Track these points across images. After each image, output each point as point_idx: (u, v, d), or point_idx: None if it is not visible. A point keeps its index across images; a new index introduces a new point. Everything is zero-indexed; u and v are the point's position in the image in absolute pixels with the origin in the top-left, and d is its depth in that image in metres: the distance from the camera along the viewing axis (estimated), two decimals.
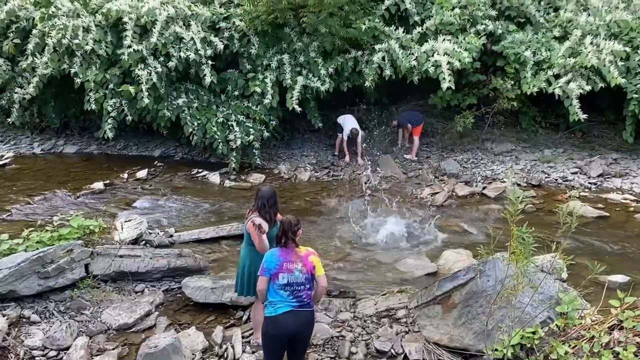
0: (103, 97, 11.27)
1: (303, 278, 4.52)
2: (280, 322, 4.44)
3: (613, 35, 11.09)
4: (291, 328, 4.46)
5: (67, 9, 11.28)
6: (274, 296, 4.47)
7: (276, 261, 4.47)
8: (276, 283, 4.45)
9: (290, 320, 4.44)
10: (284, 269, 4.46)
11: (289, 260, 4.49)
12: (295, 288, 4.48)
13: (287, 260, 4.49)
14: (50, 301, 6.12)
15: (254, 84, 11.52)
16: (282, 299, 4.46)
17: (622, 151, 11.85)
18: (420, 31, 11.45)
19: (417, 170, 11.57)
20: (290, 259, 4.50)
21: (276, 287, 4.46)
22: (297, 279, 4.48)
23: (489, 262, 5.15)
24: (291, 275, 4.46)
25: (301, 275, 4.50)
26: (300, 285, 4.50)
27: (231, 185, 10.96)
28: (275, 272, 4.44)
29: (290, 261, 4.49)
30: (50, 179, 11.15)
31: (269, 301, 4.49)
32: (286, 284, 4.45)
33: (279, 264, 4.46)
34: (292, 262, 4.49)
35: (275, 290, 4.47)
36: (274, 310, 4.45)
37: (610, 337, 4.46)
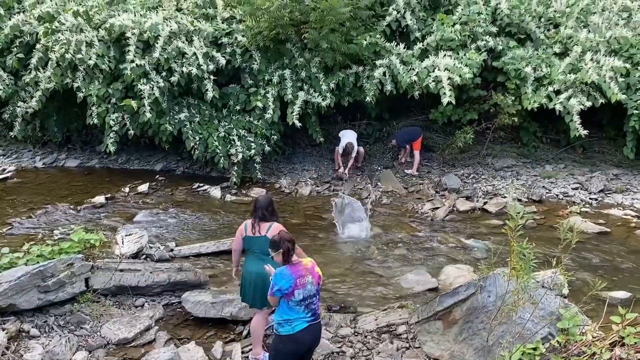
0: (105, 111, 11.31)
1: (314, 290, 4.55)
2: (298, 339, 4.46)
3: (613, 52, 11.15)
4: (308, 343, 4.56)
5: (70, 24, 11.35)
6: (290, 314, 4.46)
7: (289, 280, 4.42)
8: (292, 300, 4.43)
9: (307, 336, 4.50)
10: (298, 285, 4.43)
11: (300, 275, 4.47)
12: (310, 301, 4.51)
13: (299, 275, 4.47)
14: (50, 315, 6.11)
15: (255, 98, 11.57)
16: (299, 316, 4.46)
17: (623, 167, 11.86)
18: (421, 47, 11.52)
19: (417, 185, 11.58)
20: (301, 274, 4.48)
21: (292, 304, 4.44)
22: (310, 292, 4.50)
23: (490, 277, 5.16)
24: (305, 290, 4.47)
25: (313, 288, 4.53)
26: (313, 297, 4.54)
27: (232, 200, 10.96)
28: (289, 292, 4.41)
29: (301, 276, 4.47)
30: (51, 192, 11.17)
31: (284, 319, 4.47)
32: (302, 300, 4.45)
33: (292, 282, 4.42)
34: (303, 276, 4.49)
35: (290, 307, 4.45)
36: (292, 329, 4.45)
37: (611, 353, 4.44)
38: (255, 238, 5.47)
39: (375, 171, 12.32)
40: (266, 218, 5.45)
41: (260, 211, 5.47)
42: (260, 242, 5.41)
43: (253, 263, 5.47)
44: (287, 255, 4.49)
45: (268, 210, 5.46)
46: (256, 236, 5.45)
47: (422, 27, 11.90)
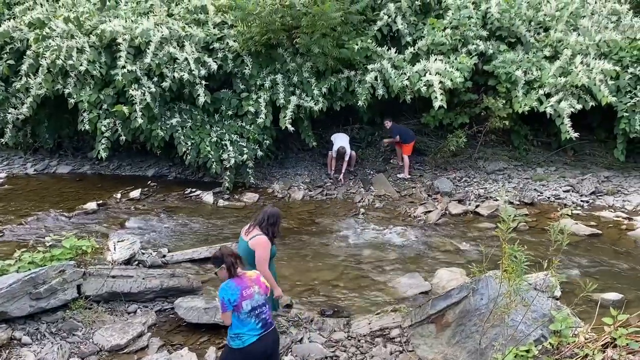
0: (97, 117, 11.28)
1: (262, 299, 4.54)
2: (250, 353, 4.46)
3: (603, 55, 11.23)
4: (261, 354, 4.52)
5: (61, 30, 11.32)
6: (241, 327, 4.44)
7: (236, 292, 4.42)
8: (242, 312, 4.41)
9: (259, 348, 4.48)
10: (245, 296, 4.43)
11: (246, 286, 4.47)
12: (260, 311, 4.50)
13: (245, 287, 4.46)
14: (42, 322, 6.07)
15: (247, 103, 11.57)
16: (250, 329, 4.45)
17: (614, 169, 11.93)
18: (412, 51, 11.56)
19: (410, 189, 11.60)
20: (247, 285, 4.48)
21: (242, 316, 4.42)
22: (258, 302, 4.50)
23: (482, 280, 5.17)
24: (253, 300, 4.46)
25: (260, 298, 4.52)
26: (262, 307, 4.53)
27: (225, 205, 10.95)
28: (238, 303, 4.40)
29: (247, 287, 4.47)
30: (43, 199, 11.11)
31: (235, 333, 4.45)
32: (251, 310, 4.44)
33: (239, 293, 4.42)
34: (249, 287, 4.48)
35: (241, 320, 4.44)
36: (242, 343, 4.44)
37: (603, 355, 4.46)
38: (241, 240, 5.51)
39: (368, 175, 12.34)
40: (261, 226, 5.44)
41: (261, 216, 5.47)
42: (242, 245, 5.45)
43: None
44: (231, 270, 4.48)
45: (268, 221, 5.44)
46: (242, 238, 5.48)
47: (413, 31, 11.95)
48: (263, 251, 5.33)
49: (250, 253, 5.34)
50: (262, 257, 5.32)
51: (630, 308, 5.75)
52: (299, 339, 6.01)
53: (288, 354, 5.75)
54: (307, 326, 6.27)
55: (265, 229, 5.40)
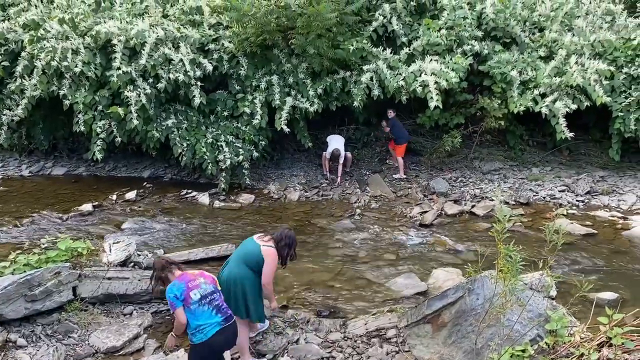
0: (92, 118, 11.26)
1: (212, 287, 4.63)
2: (213, 345, 4.51)
3: (597, 55, 11.26)
4: (224, 346, 4.64)
5: (56, 31, 11.29)
6: (198, 319, 4.48)
7: (181, 286, 4.49)
8: (192, 303, 4.46)
9: (222, 339, 4.56)
10: (190, 287, 4.50)
11: (189, 279, 4.56)
12: (211, 298, 4.57)
13: (188, 280, 4.55)
14: (38, 324, 6.06)
15: (243, 104, 11.56)
16: (208, 318, 4.49)
17: (609, 169, 11.96)
18: (408, 52, 11.57)
19: (406, 189, 11.61)
20: (190, 278, 4.57)
21: (193, 306, 4.46)
22: (207, 290, 4.58)
23: (478, 280, 5.18)
24: (201, 289, 4.54)
25: (209, 286, 4.61)
26: (213, 294, 4.61)
27: (220, 206, 10.94)
28: (185, 295, 4.45)
29: (191, 279, 4.56)
30: (38, 201, 11.09)
31: (195, 329, 4.48)
32: (201, 298, 4.50)
33: (184, 286, 4.49)
34: (193, 280, 4.57)
35: (194, 311, 4.47)
36: (204, 335, 4.47)
37: (599, 354, 4.47)
38: (252, 241, 5.56)
39: (363, 176, 12.35)
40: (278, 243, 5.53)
41: (279, 233, 5.61)
42: (251, 245, 5.48)
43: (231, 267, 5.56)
44: (164, 281, 4.63)
45: (285, 241, 5.56)
46: (254, 240, 5.54)
47: (408, 32, 11.96)
48: (273, 263, 5.44)
49: (259, 258, 5.40)
50: (271, 269, 5.44)
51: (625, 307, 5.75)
52: (295, 339, 6.00)
53: (284, 355, 5.75)
54: (303, 327, 6.27)
55: (281, 248, 5.50)
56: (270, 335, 6.08)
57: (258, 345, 5.89)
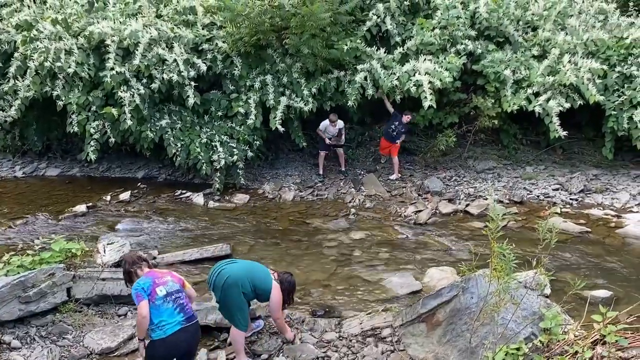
0: (86, 119, 11.23)
1: (178, 286, 4.67)
2: (172, 343, 4.49)
3: (590, 54, 11.30)
4: (184, 347, 4.58)
5: (49, 32, 11.26)
6: (160, 316, 4.49)
7: (147, 281, 4.53)
8: (157, 299, 4.48)
9: (182, 339, 4.53)
10: (157, 283, 4.55)
11: (157, 276, 4.62)
12: (176, 296, 4.60)
13: (156, 277, 4.62)
14: (32, 326, 6.04)
15: (237, 104, 11.55)
16: (170, 316, 4.49)
17: (602, 167, 12.01)
18: (402, 51, 11.59)
19: (400, 189, 11.62)
20: (158, 275, 4.64)
21: (158, 302, 4.48)
22: (173, 287, 4.62)
23: (472, 279, 5.19)
24: (167, 286, 4.58)
25: (175, 285, 4.65)
26: (178, 293, 4.64)
27: (215, 206, 10.92)
28: (152, 290, 4.49)
29: (158, 277, 4.63)
30: (31, 202, 11.05)
31: (155, 324, 4.48)
32: (166, 295, 4.53)
33: (151, 282, 4.53)
34: (161, 277, 4.64)
35: (158, 307, 4.49)
36: (163, 332, 4.47)
37: (593, 352, 4.49)
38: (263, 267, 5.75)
39: (358, 175, 12.35)
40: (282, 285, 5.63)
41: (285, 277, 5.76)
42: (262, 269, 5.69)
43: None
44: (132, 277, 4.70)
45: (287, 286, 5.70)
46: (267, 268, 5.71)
47: (402, 31, 11.99)
48: (279, 299, 5.54)
49: (266, 286, 5.52)
50: (278, 303, 5.54)
51: (619, 305, 5.79)
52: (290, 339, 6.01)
53: (279, 354, 5.75)
54: (298, 327, 6.27)
55: (283, 291, 5.61)
56: (265, 335, 6.08)
57: (253, 345, 5.89)
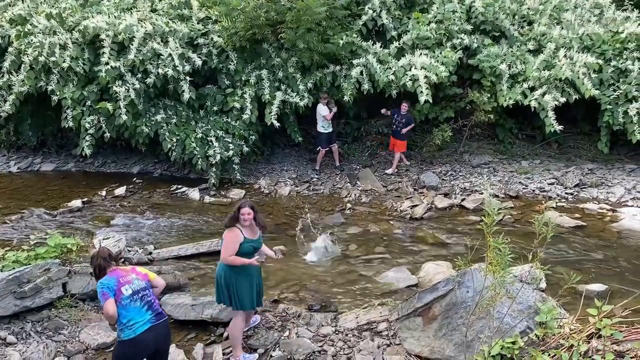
0: (80, 114, 11.19)
1: (143, 283, 4.60)
2: (141, 342, 4.45)
3: (586, 48, 11.31)
4: (153, 345, 4.53)
5: (43, 26, 11.21)
6: (129, 315, 4.44)
7: (112, 280, 4.46)
8: (123, 298, 4.42)
9: (151, 337, 4.49)
10: (122, 282, 4.48)
11: (121, 275, 4.53)
12: (143, 294, 4.55)
13: (120, 275, 4.53)
14: (27, 321, 6.02)
15: (232, 99, 11.53)
16: (138, 315, 4.46)
17: (598, 161, 12.04)
18: (398, 46, 11.58)
19: (396, 183, 11.63)
20: (122, 274, 4.55)
21: (125, 301, 4.43)
22: (139, 285, 4.56)
23: (468, 273, 5.20)
24: (133, 285, 4.52)
25: (140, 282, 4.58)
26: (145, 290, 4.58)
27: (211, 201, 10.91)
28: (117, 289, 4.43)
29: (123, 275, 4.54)
30: (27, 197, 11.02)
31: (124, 324, 4.43)
32: (132, 293, 4.48)
33: (116, 281, 4.46)
34: (125, 275, 4.55)
35: (125, 306, 4.43)
36: (133, 332, 4.42)
37: (588, 345, 4.51)
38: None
39: (354, 170, 12.35)
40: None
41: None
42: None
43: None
44: (96, 272, 4.57)
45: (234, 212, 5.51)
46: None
47: (398, 25, 11.97)
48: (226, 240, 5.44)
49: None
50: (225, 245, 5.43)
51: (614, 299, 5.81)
52: (286, 334, 6.01)
53: (276, 349, 5.76)
54: (294, 321, 6.27)
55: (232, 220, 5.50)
56: (261, 329, 6.08)
57: (250, 339, 5.89)
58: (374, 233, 9.36)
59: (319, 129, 11.94)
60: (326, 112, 11.71)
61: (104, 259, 4.56)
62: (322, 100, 11.71)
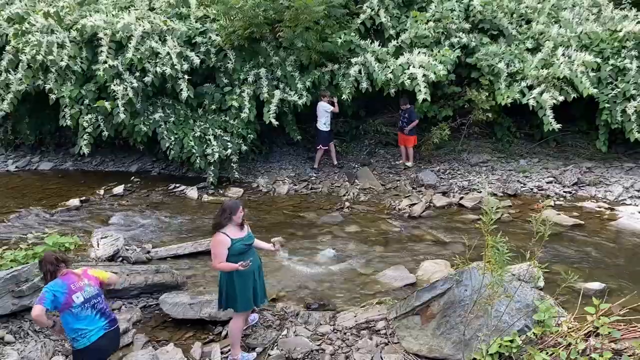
0: (78, 112, 11.18)
1: (95, 289, 4.56)
2: (97, 350, 4.44)
3: (584, 47, 11.31)
4: (105, 352, 4.54)
5: (41, 25, 11.19)
6: (82, 323, 4.40)
7: (62, 286, 4.39)
8: (75, 306, 4.37)
9: (105, 343, 4.49)
10: (73, 290, 4.41)
11: (72, 281, 4.47)
12: (95, 301, 4.51)
13: (72, 281, 4.46)
14: (25, 320, 6.01)
15: (231, 98, 11.51)
16: (91, 323, 4.43)
17: (596, 160, 12.04)
18: (396, 44, 11.57)
19: (395, 182, 11.63)
20: (73, 280, 4.48)
21: (76, 310, 4.38)
22: (91, 293, 4.51)
23: (466, 271, 5.20)
24: (84, 292, 4.47)
25: (92, 289, 4.54)
26: (97, 297, 4.54)
27: (209, 200, 10.90)
28: (68, 296, 4.36)
29: (74, 282, 4.47)
30: (24, 196, 11.01)
31: (77, 332, 4.40)
32: (84, 301, 4.43)
33: (67, 287, 4.40)
34: (76, 281, 4.49)
35: (77, 315, 4.39)
36: (87, 340, 4.40)
37: (586, 344, 4.52)
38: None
39: (352, 168, 12.35)
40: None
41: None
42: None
43: None
44: (47, 276, 4.48)
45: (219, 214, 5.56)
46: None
47: (396, 24, 11.96)
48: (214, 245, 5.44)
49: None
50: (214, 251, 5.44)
51: (612, 297, 5.83)
52: (284, 332, 6.01)
53: (274, 348, 5.76)
54: (292, 320, 6.27)
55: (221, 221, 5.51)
56: (259, 328, 6.09)
57: (248, 338, 5.89)
58: (373, 231, 9.35)
59: (320, 127, 11.95)
60: (330, 108, 11.74)
61: (50, 263, 4.47)
62: (324, 99, 11.71)
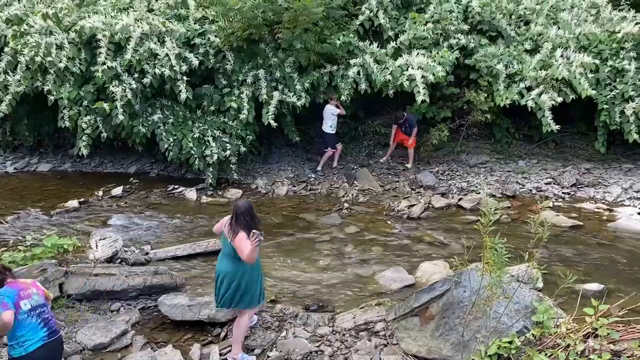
0: (77, 114, 11.16)
1: (42, 299, 4.56)
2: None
3: (582, 48, 11.32)
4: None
5: (39, 26, 11.17)
6: (22, 331, 4.37)
7: (12, 292, 4.38)
8: (20, 313, 4.35)
9: (42, 355, 4.42)
10: (22, 296, 4.40)
11: (21, 288, 4.47)
12: (40, 310, 4.49)
13: (20, 288, 4.46)
14: None
15: (229, 99, 11.50)
16: (32, 332, 4.40)
17: (595, 161, 12.06)
18: (394, 46, 11.58)
19: (393, 183, 11.64)
20: (22, 287, 4.48)
21: (21, 316, 4.36)
22: (38, 301, 4.50)
23: (465, 273, 5.20)
24: (32, 300, 4.46)
25: (39, 298, 4.54)
26: (43, 307, 4.53)
27: (208, 201, 10.89)
28: (16, 302, 4.35)
29: (23, 289, 4.47)
30: (23, 197, 10.99)
31: (15, 341, 4.37)
32: (31, 309, 4.42)
33: (16, 294, 4.38)
34: (25, 289, 4.48)
35: (21, 322, 4.36)
36: (24, 349, 4.36)
37: (585, 345, 4.52)
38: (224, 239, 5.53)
39: (351, 170, 12.35)
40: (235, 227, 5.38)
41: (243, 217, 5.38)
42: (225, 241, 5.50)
43: (221, 262, 5.58)
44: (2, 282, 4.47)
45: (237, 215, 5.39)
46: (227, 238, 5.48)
47: (395, 25, 11.97)
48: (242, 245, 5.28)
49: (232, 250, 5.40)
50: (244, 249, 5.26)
51: (611, 298, 5.82)
52: (283, 334, 6.01)
53: (273, 349, 5.76)
54: (291, 321, 6.27)
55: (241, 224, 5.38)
56: (258, 330, 6.08)
57: (247, 340, 5.88)
58: (371, 233, 9.35)
59: (326, 129, 11.98)
60: (337, 111, 11.81)
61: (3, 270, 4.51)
62: (332, 102, 11.73)
